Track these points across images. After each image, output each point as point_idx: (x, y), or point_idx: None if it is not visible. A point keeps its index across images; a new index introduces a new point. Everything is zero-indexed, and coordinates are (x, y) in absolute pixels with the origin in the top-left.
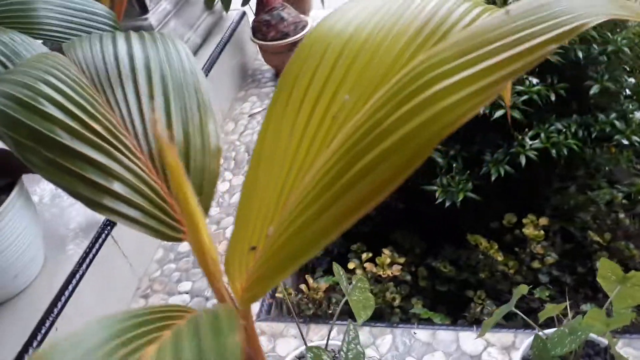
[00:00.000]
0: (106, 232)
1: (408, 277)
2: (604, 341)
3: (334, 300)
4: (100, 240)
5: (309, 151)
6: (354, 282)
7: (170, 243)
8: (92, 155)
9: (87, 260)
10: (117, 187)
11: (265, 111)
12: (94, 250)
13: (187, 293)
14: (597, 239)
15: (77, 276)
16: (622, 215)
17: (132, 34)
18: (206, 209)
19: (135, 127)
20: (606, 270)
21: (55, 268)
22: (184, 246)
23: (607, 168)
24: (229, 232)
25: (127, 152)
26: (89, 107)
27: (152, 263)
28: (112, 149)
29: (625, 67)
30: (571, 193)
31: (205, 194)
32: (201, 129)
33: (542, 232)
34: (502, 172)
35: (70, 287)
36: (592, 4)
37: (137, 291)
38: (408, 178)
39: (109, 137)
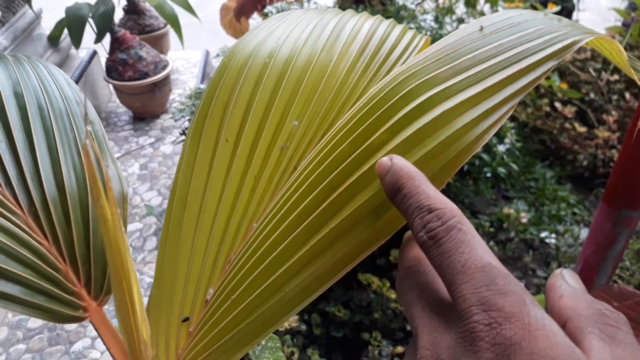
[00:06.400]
0: None
1: (304, 327)
2: None
3: None
4: None
5: (255, 192)
6: (263, 342)
7: (16, 318)
8: None
9: None
10: None
11: (127, 155)
12: None
13: None
14: None
15: None
16: (491, 243)
17: None
18: None
19: (8, 173)
20: None
21: None
22: (35, 321)
23: (468, 199)
24: None
25: None
26: None
27: None
28: None
29: None
30: None
31: None
32: (100, 170)
33: None
34: None
35: None
36: (563, 27)
37: None
38: None
39: None
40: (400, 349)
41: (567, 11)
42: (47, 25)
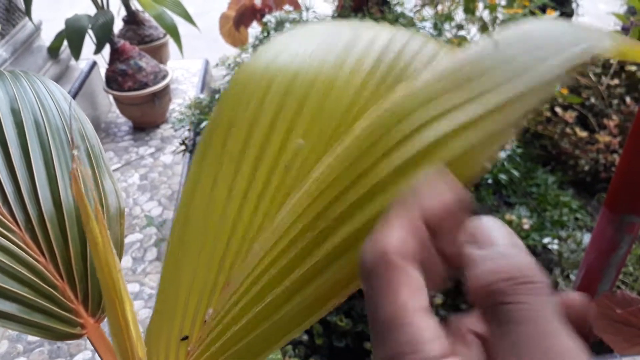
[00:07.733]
0: None
1: (305, 337)
2: None
3: None
4: None
5: (257, 211)
6: None
7: (15, 332)
8: None
9: None
10: None
11: (127, 165)
12: None
13: None
14: None
15: None
16: None
17: None
18: None
19: (4, 189)
20: None
21: None
22: None
23: None
24: None
25: None
26: None
27: None
28: None
29: None
30: None
31: None
32: (96, 186)
33: None
34: None
35: None
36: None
37: None
38: None
39: None
40: None
41: (566, 17)
42: (46, 37)
